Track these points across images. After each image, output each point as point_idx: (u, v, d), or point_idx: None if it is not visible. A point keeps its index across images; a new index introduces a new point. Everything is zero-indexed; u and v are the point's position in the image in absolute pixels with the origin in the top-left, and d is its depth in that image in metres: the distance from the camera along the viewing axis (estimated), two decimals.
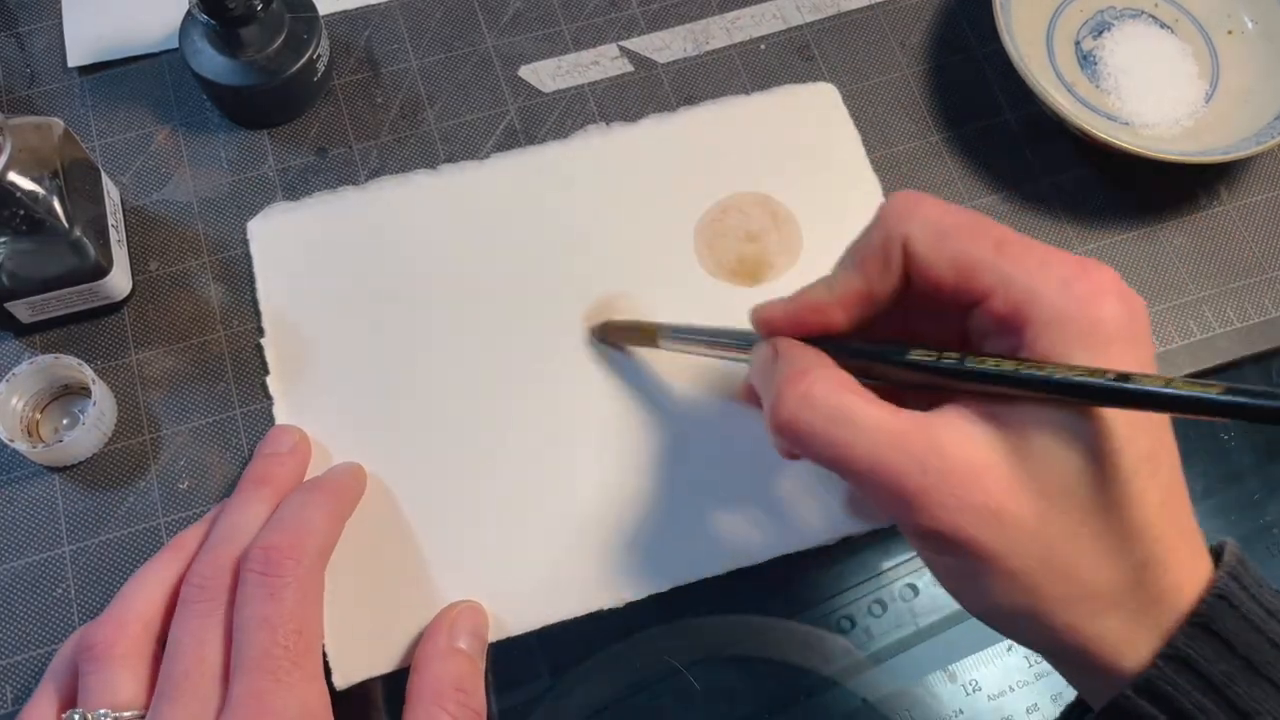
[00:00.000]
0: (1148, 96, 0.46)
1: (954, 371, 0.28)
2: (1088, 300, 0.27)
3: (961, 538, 0.27)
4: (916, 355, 0.29)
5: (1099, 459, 0.27)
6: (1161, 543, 0.28)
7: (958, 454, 0.27)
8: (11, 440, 0.37)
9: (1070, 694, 0.39)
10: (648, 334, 0.39)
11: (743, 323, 0.42)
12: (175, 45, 0.45)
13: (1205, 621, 0.28)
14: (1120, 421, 0.27)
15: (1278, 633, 0.28)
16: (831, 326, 0.31)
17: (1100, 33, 0.48)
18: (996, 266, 0.28)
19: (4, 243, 0.37)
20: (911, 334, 0.31)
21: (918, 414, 0.28)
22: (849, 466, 0.28)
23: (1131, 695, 0.27)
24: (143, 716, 0.32)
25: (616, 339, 0.41)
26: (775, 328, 0.32)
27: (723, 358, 0.37)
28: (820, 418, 0.29)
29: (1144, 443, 0.28)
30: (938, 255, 0.29)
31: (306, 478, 0.39)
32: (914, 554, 0.41)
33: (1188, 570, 0.28)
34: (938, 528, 0.27)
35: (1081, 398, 0.26)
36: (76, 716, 0.32)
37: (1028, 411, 0.27)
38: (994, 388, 0.28)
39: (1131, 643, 0.28)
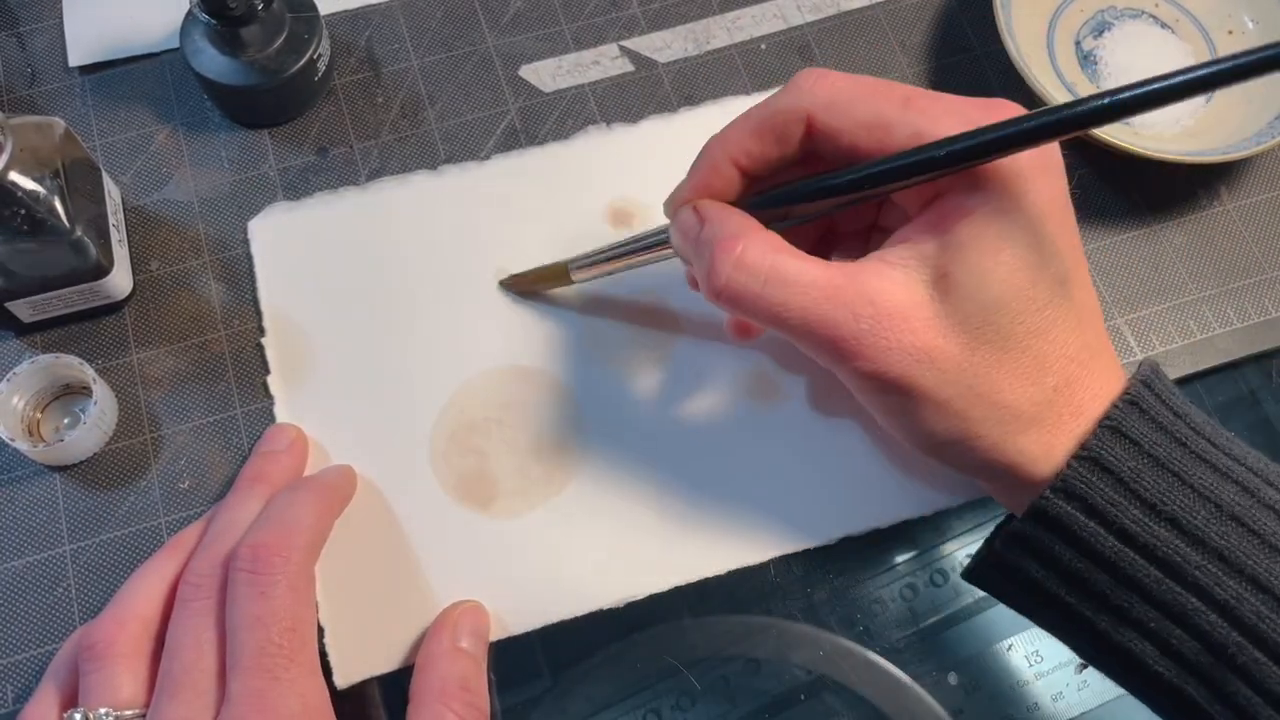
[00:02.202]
0: None
1: (885, 172, 0.30)
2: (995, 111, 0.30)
3: (895, 376, 0.30)
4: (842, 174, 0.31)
5: (1015, 288, 0.29)
6: (1076, 362, 0.30)
7: (887, 300, 0.30)
8: (12, 439, 0.37)
9: (1070, 692, 0.39)
10: (558, 273, 0.40)
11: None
12: (176, 45, 0.45)
13: (1115, 425, 0.30)
14: (1033, 247, 0.29)
15: (1184, 432, 0.30)
16: (734, 185, 0.33)
17: (1101, 32, 0.48)
18: (907, 121, 0.30)
19: (5, 242, 0.37)
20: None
21: (847, 265, 0.30)
22: (786, 324, 0.30)
23: (1049, 496, 0.30)
24: (143, 715, 0.32)
25: (528, 289, 0.42)
26: (684, 198, 0.34)
27: (638, 264, 0.38)
28: (755, 281, 0.30)
29: (1057, 269, 0.30)
30: (844, 121, 0.31)
31: (304, 476, 0.39)
32: (914, 554, 0.41)
33: (1102, 383, 0.31)
34: (874, 369, 0.30)
35: (1039, 138, 0.28)
36: (78, 715, 0.32)
37: (946, 245, 0.30)
38: (926, 175, 0.29)
39: (1050, 453, 0.30)
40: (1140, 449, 0.30)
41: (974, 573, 0.34)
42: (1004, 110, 0.30)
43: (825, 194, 0.31)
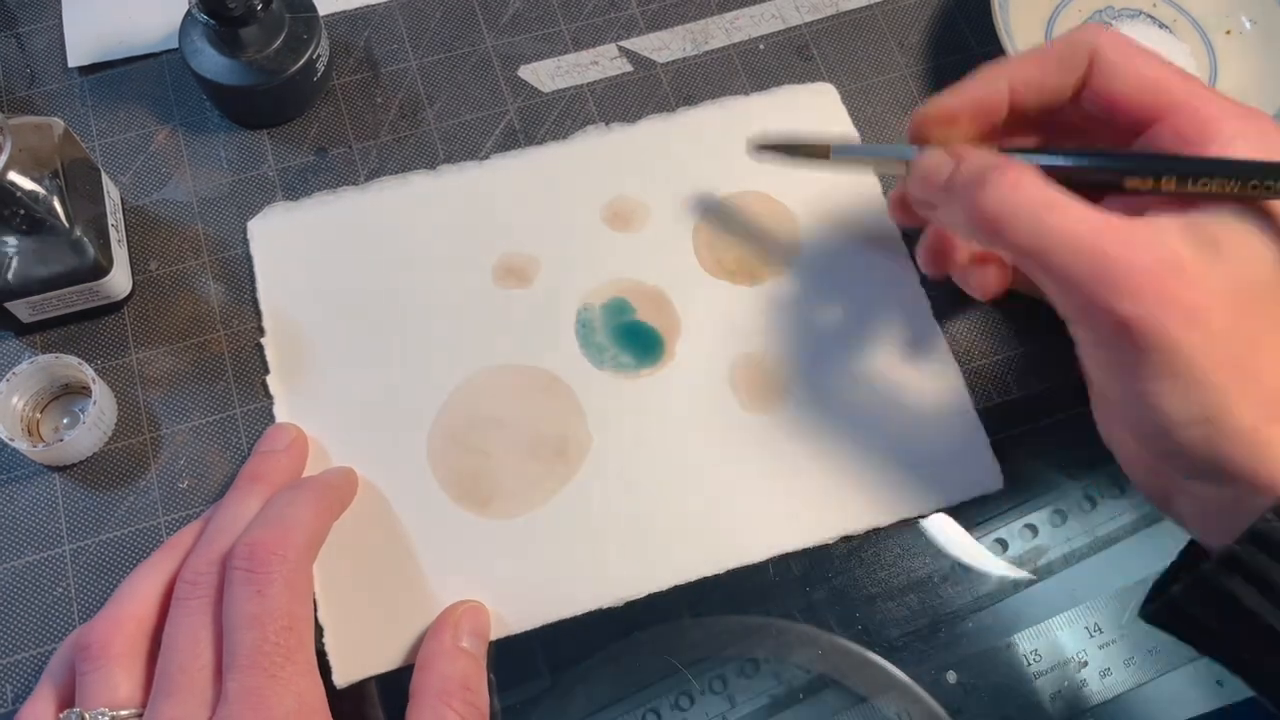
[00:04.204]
0: None
1: (1197, 167, 0.29)
2: (1270, 127, 0.30)
3: (1159, 329, 0.28)
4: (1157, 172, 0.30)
5: None
6: None
7: (1162, 249, 0.28)
8: (12, 439, 0.37)
9: (1070, 691, 0.39)
10: (819, 151, 0.40)
11: (744, 320, 0.42)
12: (175, 45, 0.45)
13: None
14: None
15: None
16: (1003, 109, 0.33)
17: None
18: (1186, 86, 0.30)
19: (4, 242, 0.37)
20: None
21: (1120, 215, 0.30)
22: (1056, 254, 0.29)
23: None
24: (140, 714, 0.32)
25: (781, 153, 0.41)
26: (945, 111, 0.34)
27: (889, 173, 0.39)
28: (1031, 203, 0.30)
29: None
30: (1127, 69, 0.31)
31: (304, 476, 0.39)
32: (913, 553, 0.41)
33: None
34: (1141, 315, 0.28)
35: None
36: (74, 716, 0.32)
37: (1225, 217, 0.29)
38: (1222, 186, 0.29)
39: None
40: None
41: (1168, 606, 0.30)
42: (1271, 118, 0.31)
43: (1105, 171, 0.31)
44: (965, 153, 0.33)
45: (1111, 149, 0.32)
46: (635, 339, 0.42)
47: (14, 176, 0.36)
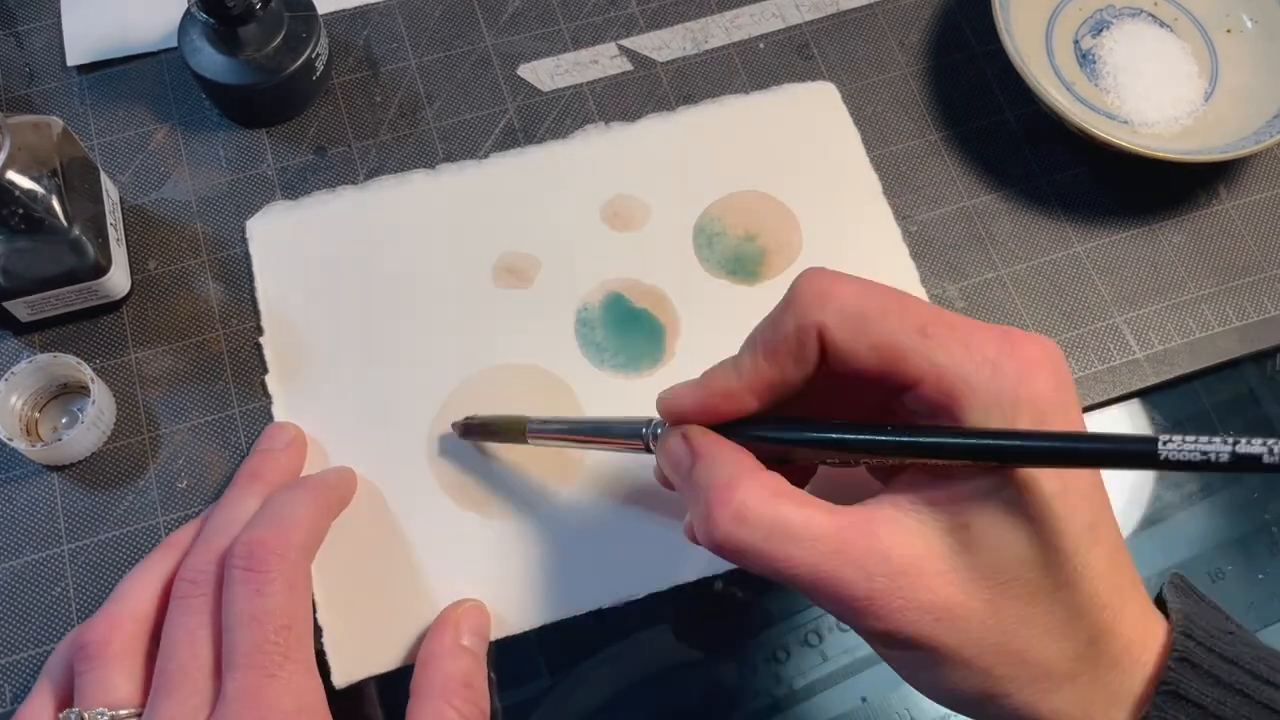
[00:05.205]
0: (1147, 95, 0.46)
1: (914, 446, 0.27)
2: (1018, 379, 0.27)
3: (913, 636, 0.27)
4: (840, 435, 0.28)
5: (1043, 539, 0.27)
6: (1110, 609, 0.28)
7: (902, 554, 0.27)
8: (10, 439, 0.37)
9: None
10: (515, 429, 0.37)
11: (744, 320, 0.42)
12: (174, 44, 0.45)
13: (1173, 688, 0.27)
14: (1059, 495, 0.27)
15: (1241, 680, 0.28)
16: (743, 412, 0.30)
17: (1099, 31, 0.48)
18: (923, 352, 0.27)
19: (2, 242, 0.37)
20: (834, 409, 0.30)
21: (855, 511, 0.28)
22: (791, 581, 0.27)
23: None
24: (139, 714, 0.32)
25: (481, 437, 0.39)
26: (685, 416, 0.31)
27: (605, 448, 0.35)
28: (757, 535, 0.27)
29: (1085, 514, 0.27)
30: (859, 342, 0.28)
31: (303, 475, 0.39)
32: None
33: (1139, 630, 0.28)
34: (888, 629, 0.27)
35: (1009, 460, 0.26)
36: (73, 716, 0.32)
37: (966, 494, 0.27)
38: (917, 458, 0.27)
39: (1087, 713, 0.28)
40: (1205, 712, 0.27)
41: None
42: (1026, 346, 0.28)
43: (834, 447, 0.29)
44: (699, 447, 0.30)
45: (861, 422, 0.29)
46: (636, 326, 0.42)
47: (12, 175, 0.36)
